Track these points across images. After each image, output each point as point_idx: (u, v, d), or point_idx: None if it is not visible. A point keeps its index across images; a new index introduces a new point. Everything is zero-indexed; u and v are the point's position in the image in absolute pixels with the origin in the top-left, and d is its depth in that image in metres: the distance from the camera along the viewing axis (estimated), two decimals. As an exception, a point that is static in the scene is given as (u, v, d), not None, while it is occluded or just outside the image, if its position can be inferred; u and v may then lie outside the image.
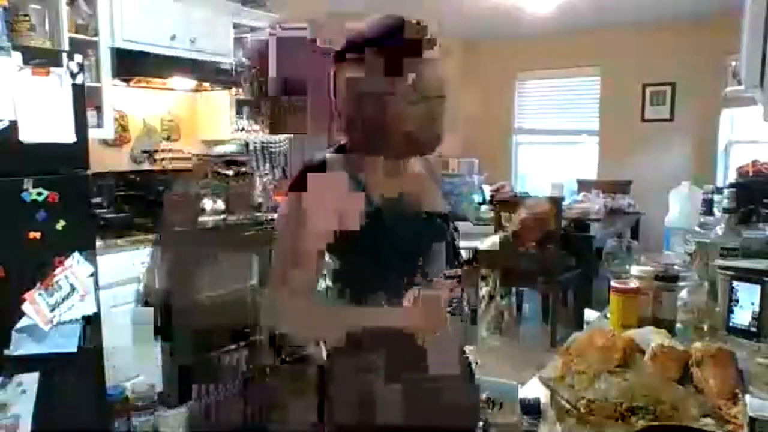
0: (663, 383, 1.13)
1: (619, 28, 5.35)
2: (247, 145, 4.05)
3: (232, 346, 3.30)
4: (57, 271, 2.26)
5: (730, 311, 1.50)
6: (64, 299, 2.27)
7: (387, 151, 1.13)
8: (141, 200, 3.24)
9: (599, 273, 4.28)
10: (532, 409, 1.02)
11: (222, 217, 3.50)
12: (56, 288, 2.25)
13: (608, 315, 1.57)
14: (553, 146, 6.23)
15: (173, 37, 3.20)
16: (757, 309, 1.45)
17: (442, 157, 6.41)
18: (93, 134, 2.71)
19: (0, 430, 2.11)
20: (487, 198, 5.28)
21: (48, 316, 2.22)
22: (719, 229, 1.85)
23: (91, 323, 2.38)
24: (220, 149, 3.94)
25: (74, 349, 2.31)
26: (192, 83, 3.45)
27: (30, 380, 2.18)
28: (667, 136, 5.38)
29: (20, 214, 2.19)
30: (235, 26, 3.63)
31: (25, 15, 2.52)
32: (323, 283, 1.14)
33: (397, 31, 1.05)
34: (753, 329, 1.45)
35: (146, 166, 3.58)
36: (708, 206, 2.41)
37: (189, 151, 3.83)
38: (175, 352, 3.02)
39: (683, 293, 1.58)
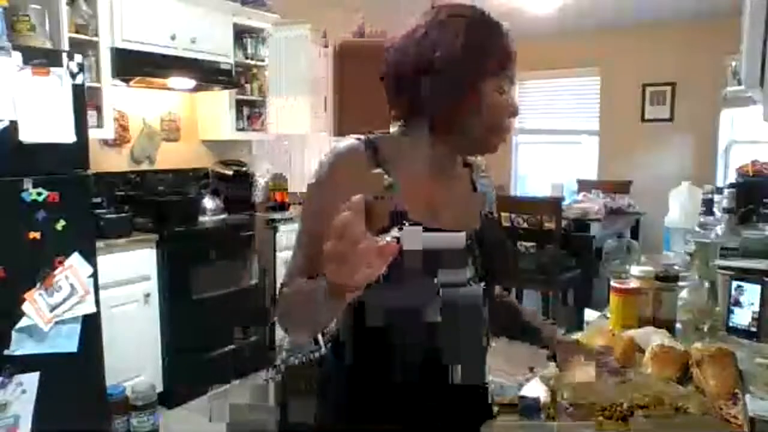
0: (663, 383, 1.13)
1: (619, 29, 5.34)
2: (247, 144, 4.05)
3: (232, 346, 3.30)
4: (57, 271, 2.26)
5: (730, 311, 1.50)
6: (64, 299, 2.27)
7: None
8: (141, 200, 3.24)
9: (599, 273, 4.29)
10: (532, 409, 1.01)
11: (222, 217, 3.50)
12: (56, 288, 2.25)
13: (608, 315, 1.57)
14: (553, 146, 6.22)
15: (173, 37, 3.20)
16: (757, 309, 1.45)
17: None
18: (93, 134, 2.71)
19: (0, 429, 2.10)
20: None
21: (48, 316, 2.22)
22: (719, 229, 1.85)
23: (91, 323, 2.38)
24: (220, 149, 3.94)
25: (74, 349, 2.30)
26: (192, 83, 3.45)
27: (30, 380, 2.18)
28: (667, 136, 5.38)
29: (20, 214, 2.18)
30: (235, 26, 3.63)
31: (25, 15, 2.51)
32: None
33: None
34: (753, 329, 1.45)
35: (146, 166, 3.58)
36: (708, 206, 2.40)
37: (189, 151, 3.83)
38: (175, 351, 3.02)
39: (683, 293, 1.58)
